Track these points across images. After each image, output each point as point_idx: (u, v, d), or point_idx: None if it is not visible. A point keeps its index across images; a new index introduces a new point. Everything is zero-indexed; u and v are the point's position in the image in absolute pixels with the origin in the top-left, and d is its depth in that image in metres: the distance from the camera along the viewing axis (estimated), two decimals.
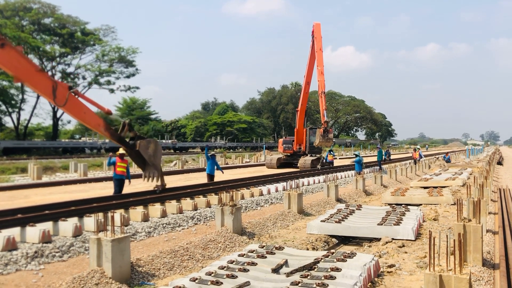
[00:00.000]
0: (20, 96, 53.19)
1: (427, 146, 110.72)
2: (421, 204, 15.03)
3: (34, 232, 8.29)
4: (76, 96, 10.97)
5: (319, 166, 28.00)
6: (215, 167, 17.70)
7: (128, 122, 12.68)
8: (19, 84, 50.99)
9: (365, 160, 30.28)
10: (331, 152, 31.42)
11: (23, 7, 50.74)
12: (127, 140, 12.73)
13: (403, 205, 13.35)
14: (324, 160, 30.45)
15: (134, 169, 24.00)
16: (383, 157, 35.41)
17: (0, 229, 8.14)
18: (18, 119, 55.53)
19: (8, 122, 56.01)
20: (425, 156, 48.25)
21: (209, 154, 17.91)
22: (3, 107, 51.79)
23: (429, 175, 25.64)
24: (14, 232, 8.18)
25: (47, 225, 8.84)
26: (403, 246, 9.32)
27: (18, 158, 35.93)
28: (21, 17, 51.13)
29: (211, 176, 17.68)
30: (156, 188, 13.06)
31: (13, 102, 52.50)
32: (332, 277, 6.10)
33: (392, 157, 45.55)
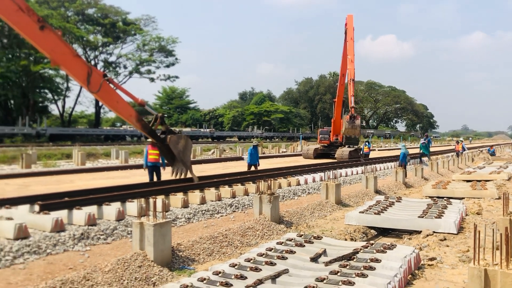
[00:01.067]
0: (65, 85, 55.09)
1: (470, 138, 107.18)
2: (463, 198, 14.61)
3: (80, 215, 8.61)
4: (110, 85, 11.04)
5: (362, 159, 27.47)
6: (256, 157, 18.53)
7: (160, 116, 12.71)
8: (64, 72, 52.90)
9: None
10: (368, 144, 30.80)
11: None
12: (158, 134, 12.80)
13: (444, 198, 13.03)
14: (361, 152, 29.99)
15: None
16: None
17: (49, 211, 8.51)
18: (63, 107, 57.72)
19: (54, 109, 58.30)
20: (468, 149, 46.77)
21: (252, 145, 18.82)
22: (49, 95, 53.83)
23: (472, 168, 24.87)
24: (61, 214, 8.53)
25: (92, 209, 9.15)
26: (445, 239, 9.12)
27: (63, 145, 37.27)
28: (66, 7, 52.76)
29: (252, 166, 18.38)
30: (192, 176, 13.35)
31: (58, 90, 54.42)
32: (371, 268, 6.05)
33: (433, 149, 44.23)
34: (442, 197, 14.04)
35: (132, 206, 9.59)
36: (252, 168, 18.36)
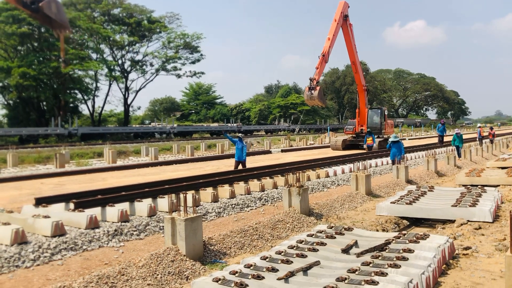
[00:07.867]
0: (94, 85, 56.19)
1: (499, 124, 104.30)
2: (498, 185, 14.23)
3: (113, 211, 8.80)
4: None
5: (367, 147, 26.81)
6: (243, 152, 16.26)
7: None
8: (93, 72, 54.03)
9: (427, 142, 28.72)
10: (371, 134, 27.23)
11: None
12: None
13: (479, 186, 12.71)
14: (363, 144, 27.52)
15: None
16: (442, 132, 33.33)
17: (84, 208, 8.73)
18: (93, 106, 58.80)
19: (84, 109, 59.56)
20: (501, 135, 45.34)
21: (233, 136, 16.57)
22: (79, 96, 55.01)
23: (507, 155, 24.14)
24: (95, 211, 8.74)
25: (125, 205, 9.33)
26: (480, 228, 8.91)
27: (94, 143, 38.06)
28: (92, 9, 53.77)
29: (239, 163, 16.37)
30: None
31: (88, 90, 55.54)
32: (404, 258, 5.98)
33: (464, 136, 42.61)
34: (476, 185, 13.70)
35: (164, 202, 9.73)
36: (240, 167, 16.05)
